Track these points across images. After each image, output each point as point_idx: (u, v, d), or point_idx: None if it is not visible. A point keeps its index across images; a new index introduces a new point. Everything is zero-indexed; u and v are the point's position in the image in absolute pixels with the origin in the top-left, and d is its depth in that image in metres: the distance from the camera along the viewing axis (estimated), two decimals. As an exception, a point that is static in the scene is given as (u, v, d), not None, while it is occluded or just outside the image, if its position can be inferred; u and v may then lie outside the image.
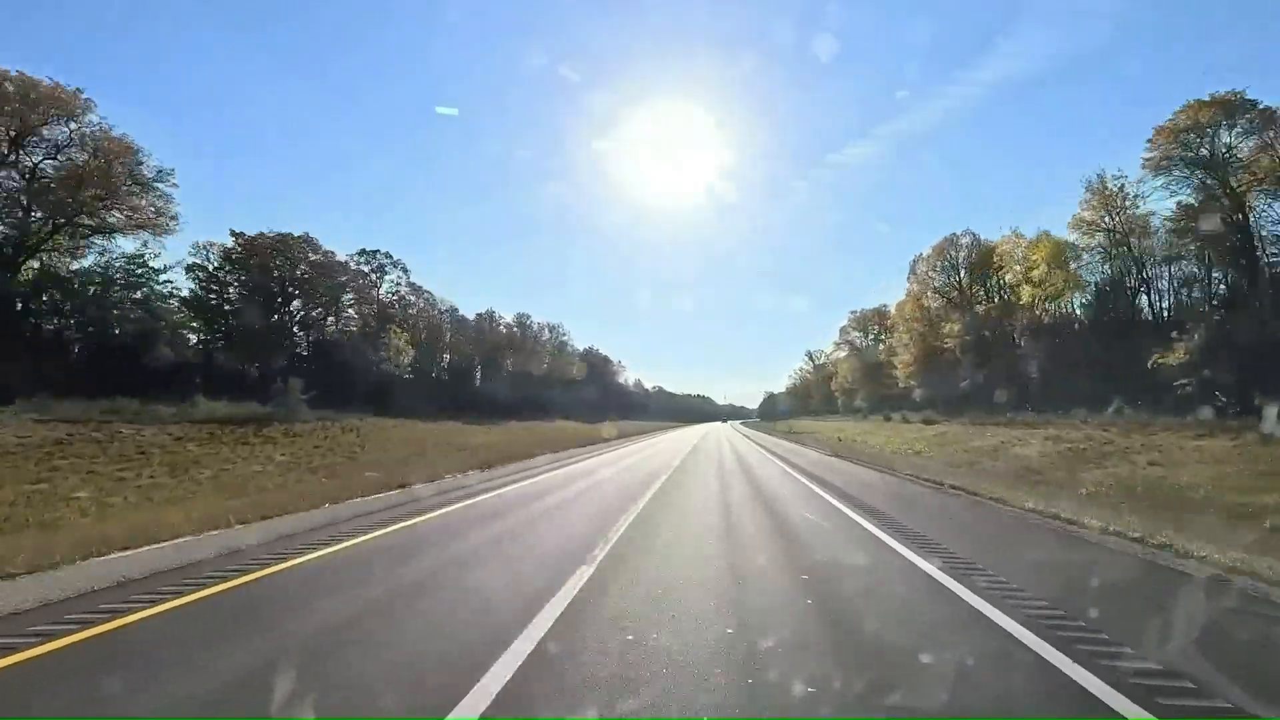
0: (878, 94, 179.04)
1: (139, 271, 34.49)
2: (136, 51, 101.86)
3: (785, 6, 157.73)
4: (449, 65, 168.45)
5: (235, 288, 42.83)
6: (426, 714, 3.30)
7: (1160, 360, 28.44)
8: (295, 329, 47.43)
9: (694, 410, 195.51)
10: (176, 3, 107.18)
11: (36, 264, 31.73)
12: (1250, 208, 31.90)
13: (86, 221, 32.17)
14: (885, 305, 76.94)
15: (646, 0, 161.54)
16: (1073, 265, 40.59)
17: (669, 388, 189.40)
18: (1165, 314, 36.76)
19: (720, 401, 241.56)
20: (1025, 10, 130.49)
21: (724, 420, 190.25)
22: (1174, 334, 29.22)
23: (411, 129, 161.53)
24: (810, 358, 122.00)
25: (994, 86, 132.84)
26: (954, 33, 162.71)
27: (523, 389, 69.67)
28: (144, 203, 33.40)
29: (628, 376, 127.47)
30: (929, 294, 57.20)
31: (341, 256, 50.21)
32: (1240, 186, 31.74)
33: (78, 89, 30.62)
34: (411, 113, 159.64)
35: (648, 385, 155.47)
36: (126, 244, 34.10)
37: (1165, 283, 37.84)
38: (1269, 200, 31.54)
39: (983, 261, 51.31)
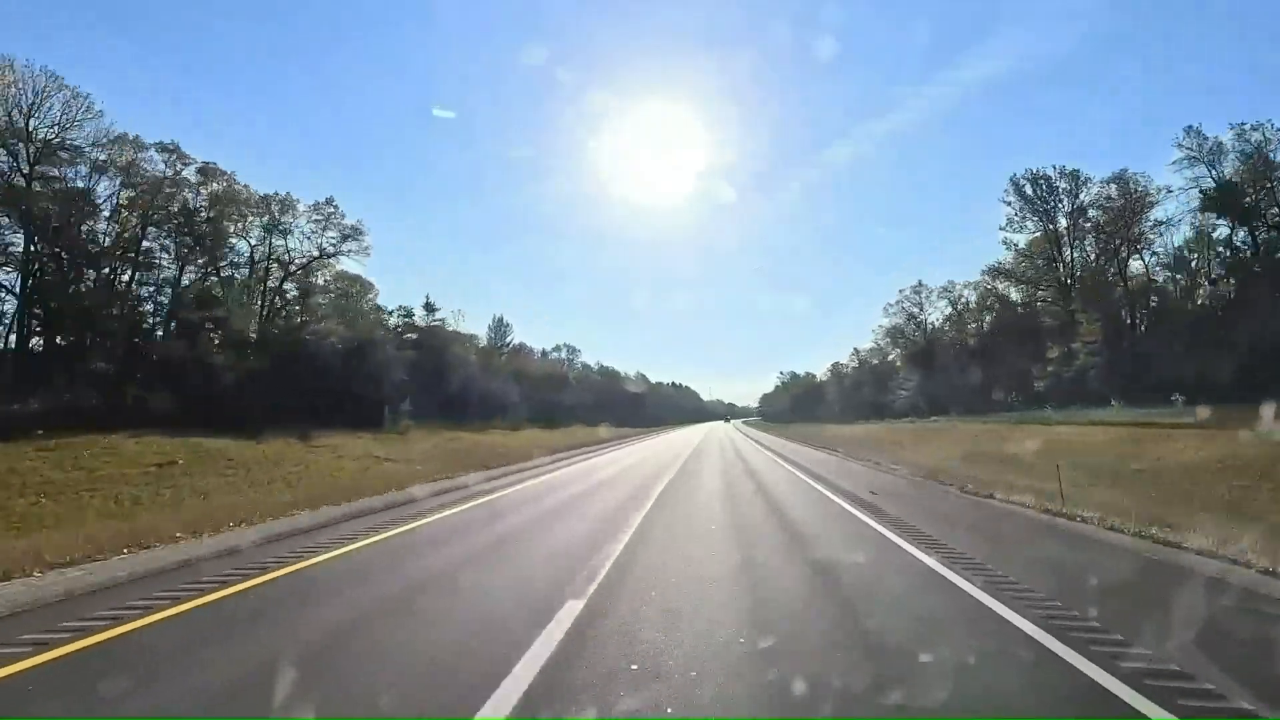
0: (874, 93, 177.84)
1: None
2: (131, 50, 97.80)
3: (782, 6, 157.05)
4: (443, 66, 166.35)
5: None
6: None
7: None
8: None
9: (670, 406, 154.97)
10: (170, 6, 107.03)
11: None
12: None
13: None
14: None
15: (640, 0, 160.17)
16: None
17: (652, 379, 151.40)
18: None
19: (706, 398, 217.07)
20: (1033, 3, 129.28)
21: (725, 419, 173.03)
22: None
23: (404, 129, 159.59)
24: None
25: (993, 84, 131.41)
26: (953, 29, 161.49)
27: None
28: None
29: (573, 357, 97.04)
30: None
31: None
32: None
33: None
34: (404, 113, 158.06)
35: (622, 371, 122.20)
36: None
37: None
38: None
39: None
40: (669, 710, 3.50)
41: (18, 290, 28.90)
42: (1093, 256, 49.07)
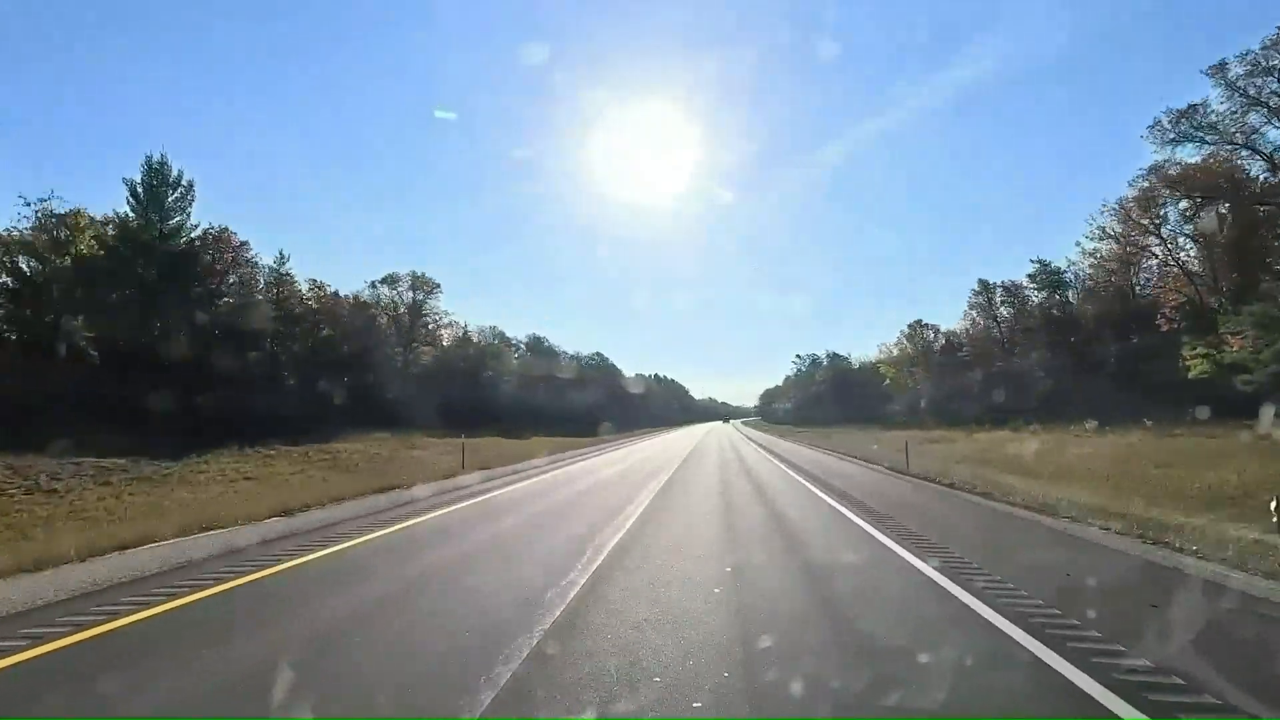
0: (872, 92, 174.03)
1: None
2: (131, 50, 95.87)
3: (782, 6, 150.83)
4: (443, 67, 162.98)
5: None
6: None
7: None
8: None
9: (657, 404, 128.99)
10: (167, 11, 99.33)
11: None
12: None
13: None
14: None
15: (639, 0, 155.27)
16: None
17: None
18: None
19: (698, 396, 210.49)
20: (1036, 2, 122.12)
21: (724, 419, 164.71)
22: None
23: (405, 130, 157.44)
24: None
25: (989, 84, 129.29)
26: (954, 28, 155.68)
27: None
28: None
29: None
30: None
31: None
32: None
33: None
34: (405, 114, 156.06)
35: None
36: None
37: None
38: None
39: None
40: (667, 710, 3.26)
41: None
42: None
